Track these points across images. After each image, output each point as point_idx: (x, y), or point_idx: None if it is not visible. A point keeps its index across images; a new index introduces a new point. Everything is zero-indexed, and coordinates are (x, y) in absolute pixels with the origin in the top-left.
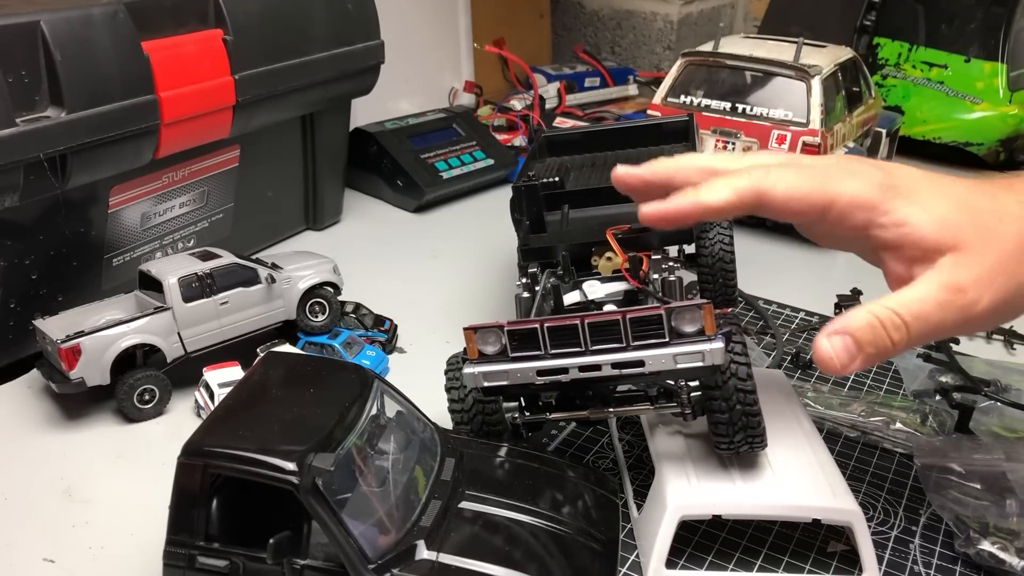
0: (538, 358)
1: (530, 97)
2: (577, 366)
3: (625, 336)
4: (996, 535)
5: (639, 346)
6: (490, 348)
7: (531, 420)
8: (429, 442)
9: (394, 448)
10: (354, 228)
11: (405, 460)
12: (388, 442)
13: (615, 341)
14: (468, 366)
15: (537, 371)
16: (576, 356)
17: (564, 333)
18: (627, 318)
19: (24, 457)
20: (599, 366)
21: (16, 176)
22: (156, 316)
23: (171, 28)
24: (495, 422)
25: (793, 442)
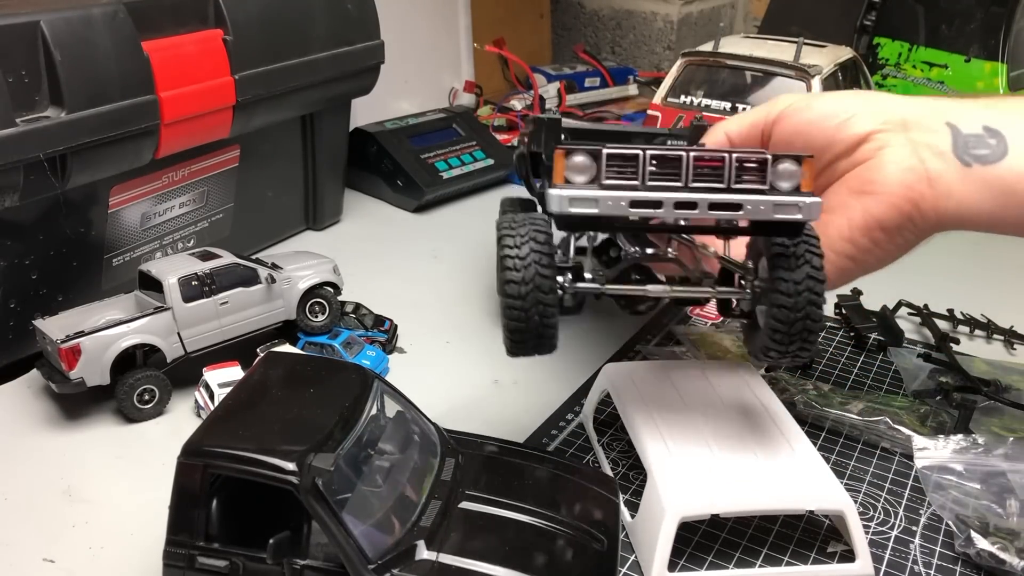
0: (632, 189)
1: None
2: (674, 201)
3: (727, 177)
4: (996, 535)
5: (739, 190)
6: (579, 176)
7: (582, 289)
8: (429, 442)
9: (394, 448)
10: (354, 228)
11: (405, 460)
12: (388, 442)
13: (715, 182)
14: (555, 188)
15: (631, 202)
16: (674, 191)
17: (666, 165)
18: (732, 157)
19: (24, 457)
20: (695, 204)
21: (16, 176)
22: (156, 316)
23: (171, 28)
24: (546, 287)
25: (776, 436)
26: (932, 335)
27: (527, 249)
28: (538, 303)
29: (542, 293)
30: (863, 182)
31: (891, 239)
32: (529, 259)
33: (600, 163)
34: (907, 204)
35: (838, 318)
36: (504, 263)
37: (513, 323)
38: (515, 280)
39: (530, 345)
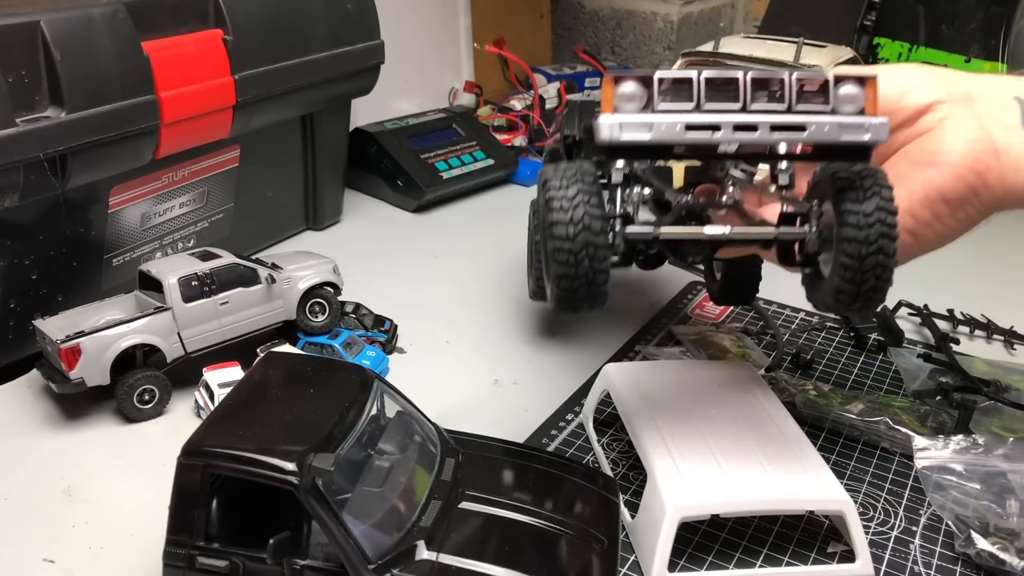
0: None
1: (530, 97)
2: (733, 123)
3: (788, 99)
4: (996, 535)
5: (801, 111)
6: (629, 104)
7: (634, 235)
8: (429, 442)
9: (394, 448)
10: (354, 228)
11: (405, 460)
12: (388, 442)
13: (775, 104)
14: (605, 116)
15: (687, 125)
16: (732, 114)
17: (722, 88)
18: (792, 78)
19: (24, 457)
20: (756, 126)
21: (16, 176)
22: (156, 316)
23: (171, 28)
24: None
25: (776, 436)
26: (932, 335)
27: (575, 189)
28: (588, 244)
29: (592, 234)
30: (925, 153)
31: (953, 213)
32: (578, 199)
33: (651, 89)
34: (972, 175)
35: (838, 318)
36: (550, 205)
37: (562, 269)
38: (562, 221)
39: (580, 296)
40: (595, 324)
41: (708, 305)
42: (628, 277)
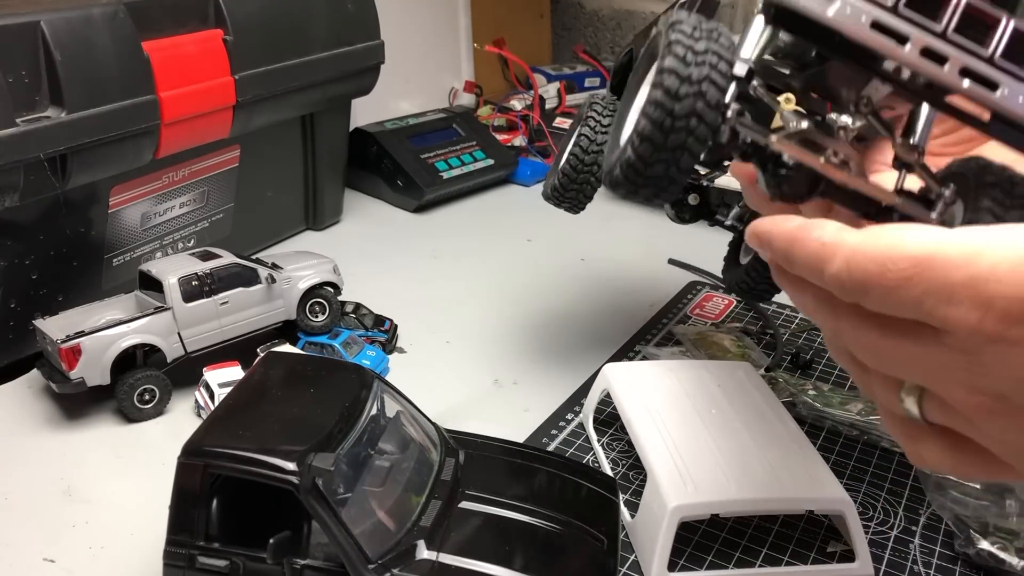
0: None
1: (530, 97)
2: (923, 44)
3: (995, 46)
4: (996, 535)
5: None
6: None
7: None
8: (429, 442)
9: (394, 448)
10: (354, 228)
11: (405, 460)
12: (388, 442)
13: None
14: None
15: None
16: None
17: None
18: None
19: (24, 457)
20: (946, 58)
21: (16, 176)
22: (156, 316)
23: (171, 28)
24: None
25: (776, 436)
26: None
27: (704, 45)
28: (694, 114)
29: (705, 104)
30: None
31: None
32: (704, 57)
33: None
34: None
35: None
36: (672, 48)
37: (651, 128)
38: (679, 73)
39: (652, 172)
40: (595, 324)
41: (708, 305)
42: (629, 277)
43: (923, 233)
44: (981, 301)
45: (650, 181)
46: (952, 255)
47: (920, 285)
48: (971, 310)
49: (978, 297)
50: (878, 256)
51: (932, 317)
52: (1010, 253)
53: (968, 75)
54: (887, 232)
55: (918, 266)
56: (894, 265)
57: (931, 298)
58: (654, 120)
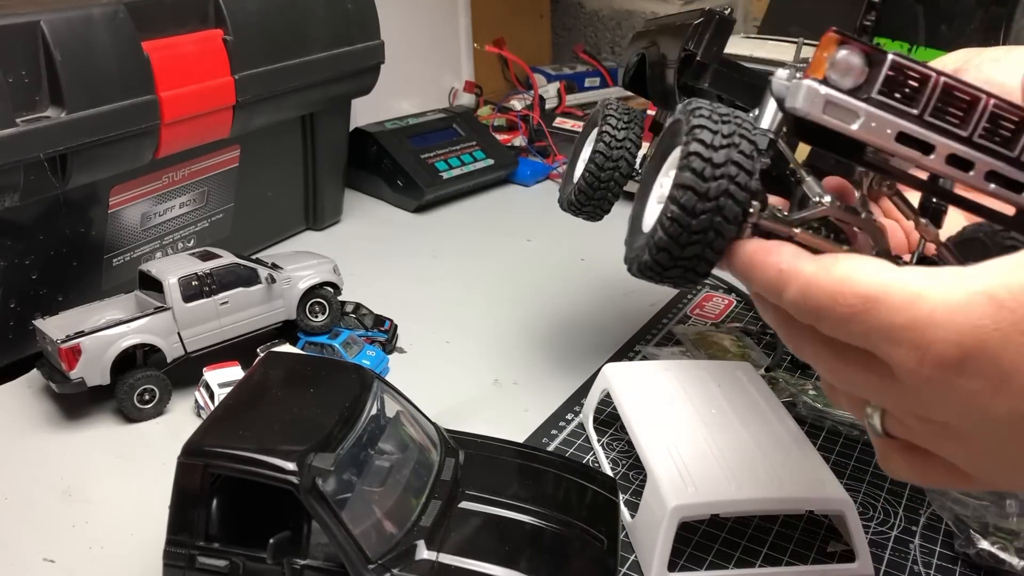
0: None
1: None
2: (949, 151)
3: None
4: (996, 535)
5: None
6: (843, 78)
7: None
8: (429, 442)
9: (394, 448)
10: (354, 228)
11: (405, 460)
12: (388, 442)
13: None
14: (812, 80)
15: (899, 134)
16: (953, 139)
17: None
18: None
19: (24, 457)
20: (972, 165)
21: (16, 176)
22: (156, 316)
23: (171, 28)
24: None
25: (776, 436)
26: None
27: (724, 156)
28: (711, 229)
29: (723, 219)
30: None
31: None
32: (724, 171)
33: (878, 71)
34: None
35: None
36: (690, 162)
37: (667, 240)
38: (697, 190)
39: (670, 275)
40: (595, 324)
41: (708, 305)
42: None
43: (873, 270)
44: (919, 345)
45: (668, 279)
46: (896, 297)
47: (866, 322)
48: (910, 352)
49: (916, 341)
50: (829, 289)
51: (879, 352)
52: (949, 298)
53: (994, 179)
54: (840, 265)
55: (865, 303)
56: (843, 299)
57: (876, 335)
58: (671, 234)
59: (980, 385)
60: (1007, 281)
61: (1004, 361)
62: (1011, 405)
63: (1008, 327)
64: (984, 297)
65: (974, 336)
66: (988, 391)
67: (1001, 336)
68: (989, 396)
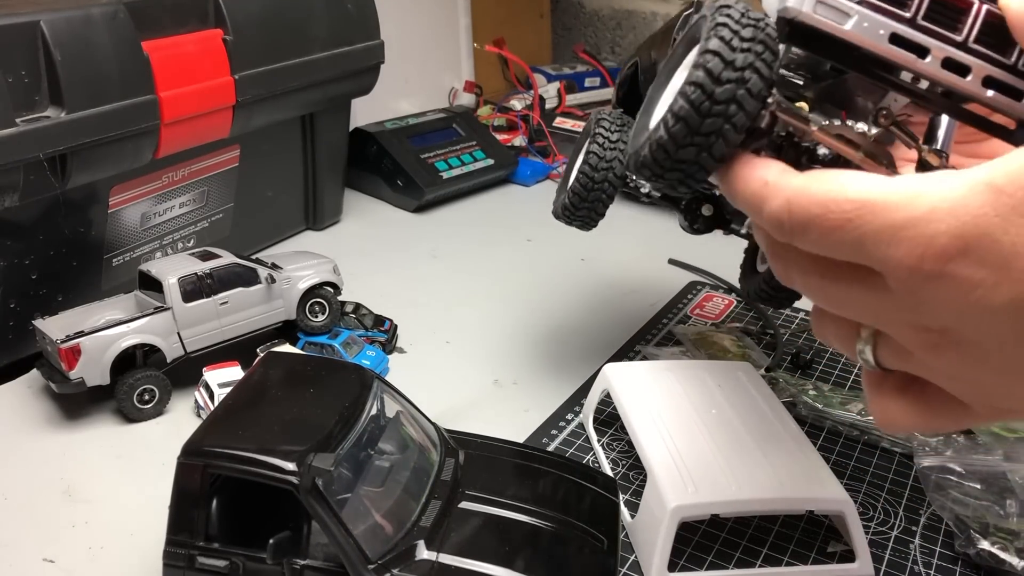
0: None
1: (530, 97)
2: (944, 56)
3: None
4: (996, 535)
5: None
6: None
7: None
8: (429, 442)
9: (394, 448)
10: (354, 228)
11: (405, 460)
12: (388, 442)
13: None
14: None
15: (892, 35)
16: (948, 44)
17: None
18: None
19: (24, 457)
20: (968, 70)
21: (16, 176)
22: (156, 316)
23: (171, 28)
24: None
25: (777, 436)
26: None
27: (751, 32)
28: (734, 101)
29: (747, 92)
30: None
31: None
32: (751, 45)
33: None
34: None
35: None
36: (718, 31)
37: (688, 109)
38: (724, 57)
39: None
40: (595, 324)
41: (708, 305)
42: (628, 277)
43: (865, 178)
44: (921, 240)
45: (678, 165)
46: (893, 198)
47: (861, 227)
48: (912, 249)
49: (918, 237)
50: (820, 197)
51: (872, 259)
52: (950, 192)
53: (992, 85)
54: (830, 176)
55: (860, 208)
56: (836, 206)
57: (871, 239)
58: (693, 101)
59: (982, 275)
60: (1006, 168)
61: (1005, 245)
62: (1013, 292)
63: (1008, 211)
64: (983, 186)
65: (975, 225)
66: (990, 280)
67: (1002, 221)
68: (991, 286)
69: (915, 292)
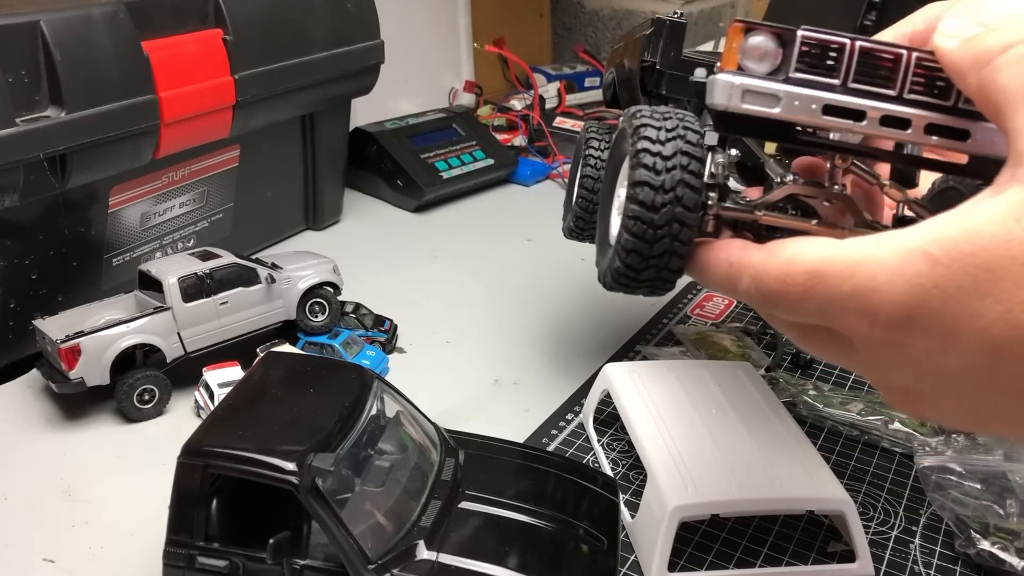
0: (828, 90)
1: (530, 97)
2: (882, 114)
3: (956, 94)
4: (996, 535)
5: (968, 112)
6: (758, 64)
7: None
8: (429, 442)
9: (394, 448)
10: (354, 228)
11: (405, 460)
12: (388, 442)
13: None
14: (725, 74)
15: (824, 106)
16: (883, 100)
17: (876, 66)
18: None
19: (24, 457)
20: (909, 122)
21: (16, 176)
22: (156, 316)
23: (171, 28)
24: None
25: (777, 436)
26: None
27: (672, 148)
28: (674, 220)
29: (684, 209)
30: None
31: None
32: (675, 161)
33: (791, 49)
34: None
35: None
36: (640, 159)
37: (634, 241)
38: (652, 184)
39: (644, 277)
40: (595, 324)
41: (708, 305)
42: None
43: (815, 247)
44: (868, 310)
45: (644, 283)
46: (838, 268)
47: (816, 297)
48: (859, 319)
49: (864, 307)
50: (777, 273)
51: (834, 324)
52: (887, 261)
53: (935, 131)
54: (785, 248)
55: (811, 279)
56: (792, 280)
57: (827, 308)
58: (636, 233)
59: (929, 343)
60: (939, 236)
61: (947, 316)
62: (962, 358)
63: (945, 283)
64: (919, 255)
65: (914, 296)
66: (938, 348)
67: (940, 292)
68: (940, 353)
69: (875, 355)
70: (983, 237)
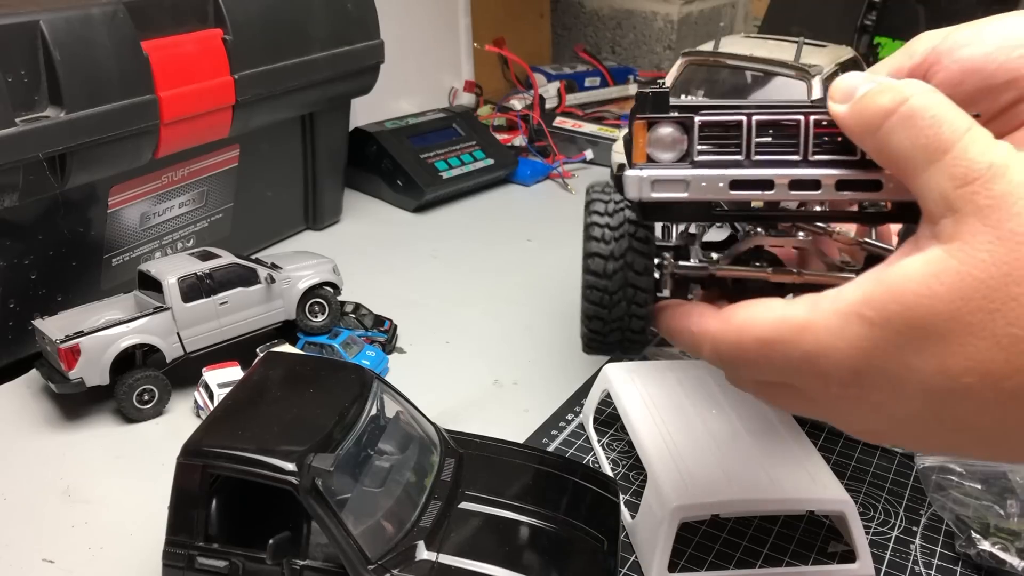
0: (733, 166)
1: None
2: (789, 180)
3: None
4: (997, 535)
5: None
6: (666, 153)
7: (686, 271)
8: (429, 442)
9: (394, 448)
10: (354, 228)
11: (405, 460)
12: (388, 442)
13: (844, 155)
14: (634, 168)
15: (731, 182)
16: (789, 167)
17: (776, 135)
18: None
19: (24, 457)
20: (818, 183)
21: (16, 176)
22: (156, 316)
23: (171, 28)
24: (640, 266)
25: (777, 436)
26: None
27: (619, 219)
28: (627, 285)
29: (634, 273)
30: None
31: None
32: (622, 230)
33: (691, 135)
34: None
35: None
36: (590, 232)
37: (593, 308)
38: (601, 254)
39: (611, 340)
40: None
41: None
42: None
43: (764, 312)
44: (818, 374)
45: (613, 346)
46: (786, 334)
47: (771, 363)
48: (814, 380)
49: (815, 371)
50: (732, 340)
51: (793, 383)
52: (828, 325)
53: (846, 187)
54: (736, 315)
55: (763, 347)
56: (746, 347)
57: (783, 371)
58: (594, 301)
59: (880, 396)
60: (869, 298)
61: (890, 372)
62: (911, 407)
63: (883, 343)
64: (854, 318)
65: (857, 357)
66: (889, 400)
67: (880, 352)
68: (892, 404)
69: (834, 407)
70: (907, 297)
